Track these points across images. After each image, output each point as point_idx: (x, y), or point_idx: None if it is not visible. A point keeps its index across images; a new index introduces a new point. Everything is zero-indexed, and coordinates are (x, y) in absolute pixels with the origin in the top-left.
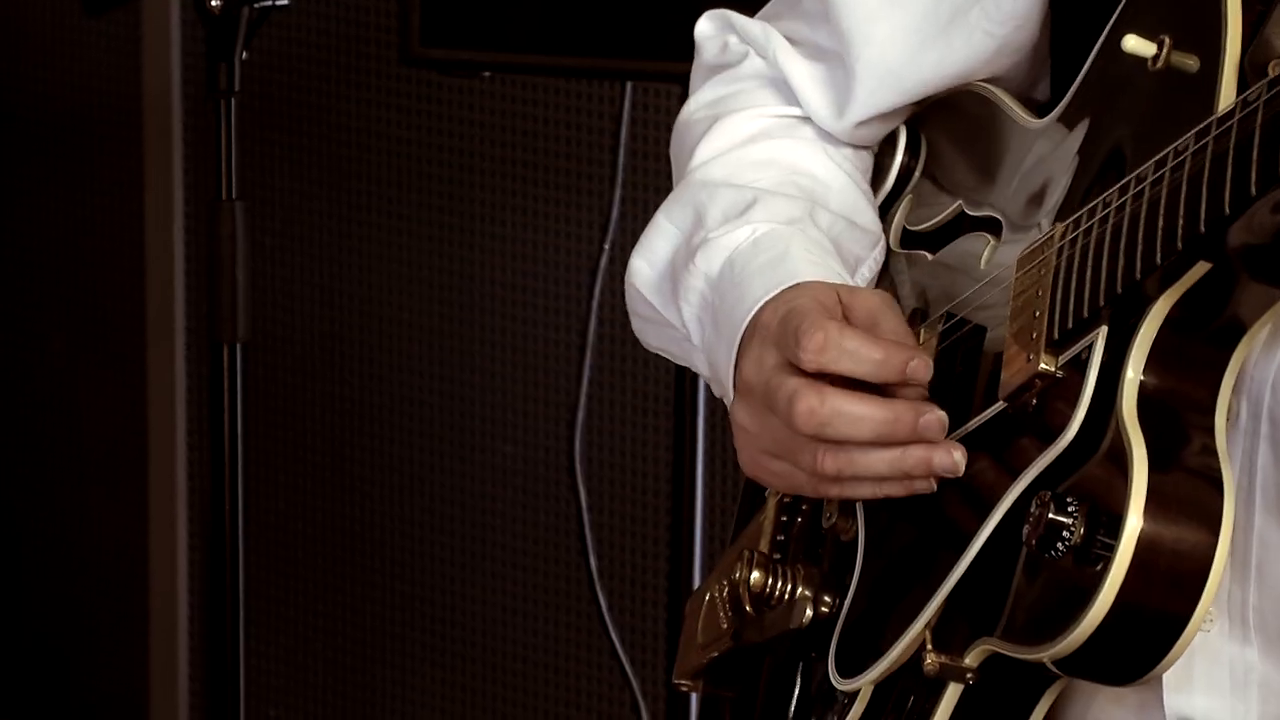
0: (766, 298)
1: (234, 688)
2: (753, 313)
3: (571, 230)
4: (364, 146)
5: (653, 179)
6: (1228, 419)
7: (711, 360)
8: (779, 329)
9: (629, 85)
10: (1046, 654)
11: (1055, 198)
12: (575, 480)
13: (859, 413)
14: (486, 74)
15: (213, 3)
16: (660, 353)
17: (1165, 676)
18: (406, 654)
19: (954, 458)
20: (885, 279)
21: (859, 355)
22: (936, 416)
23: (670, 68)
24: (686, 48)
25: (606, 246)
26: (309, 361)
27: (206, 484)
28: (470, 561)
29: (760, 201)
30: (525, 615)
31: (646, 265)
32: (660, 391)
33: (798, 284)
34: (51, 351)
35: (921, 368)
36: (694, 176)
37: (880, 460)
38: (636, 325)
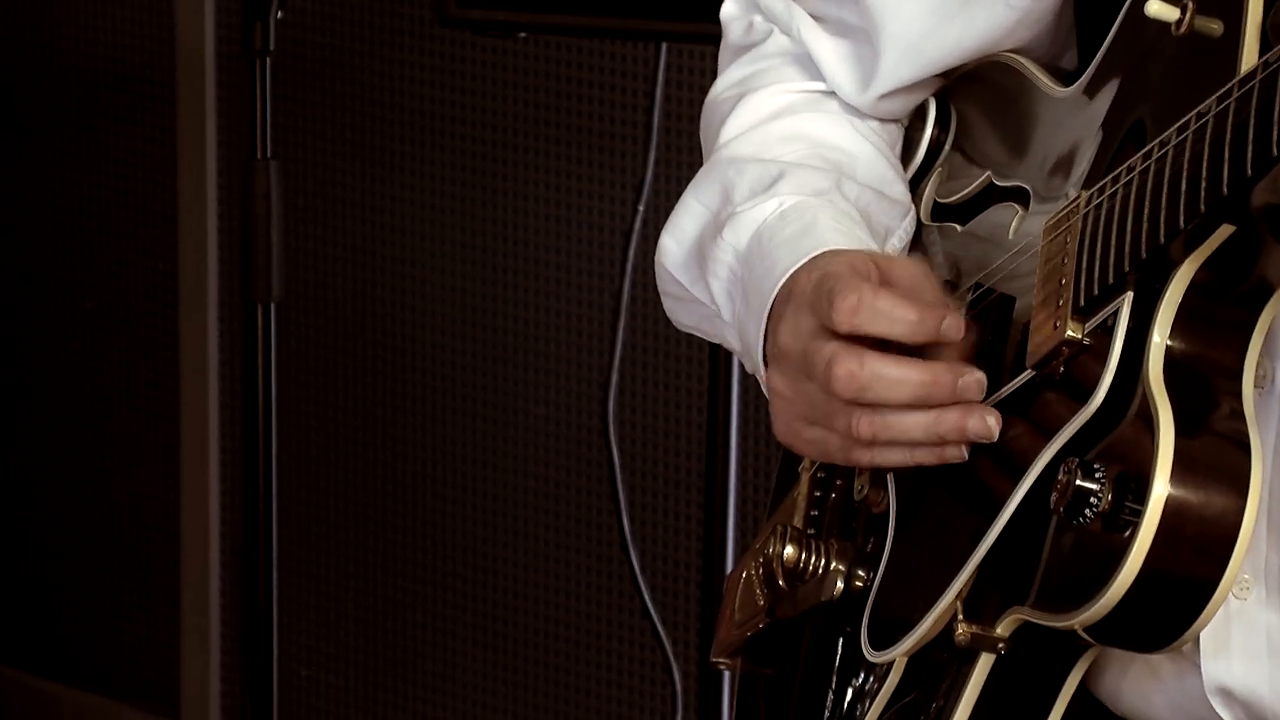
0: (795, 267)
1: (267, 647)
2: (781, 282)
3: (606, 192)
4: (398, 107)
5: (687, 141)
6: (1261, 384)
7: (742, 334)
8: (813, 293)
9: (664, 46)
10: (1076, 620)
11: (1082, 166)
12: (609, 443)
13: (898, 375)
14: (522, 35)
15: None
16: (693, 331)
17: (1203, 645)
18: (439, 615)
19: (988, 422)
20: (917, 251)
21: (893, 316)
22: (976, 378)
23: (705, 29)
24: (718, 7)
25: (640, 208)
26: (341, 322)
27: (239, 444)
28: (503, 524)
29: (787, 175)
30: (558, 578)
31: (675, 244)
32: (695, 354)
33: (830, 250)
34: (84, 312)
35: (955, 326)
36: (721, 154)
37: (916, 424)
38: (668, 305)
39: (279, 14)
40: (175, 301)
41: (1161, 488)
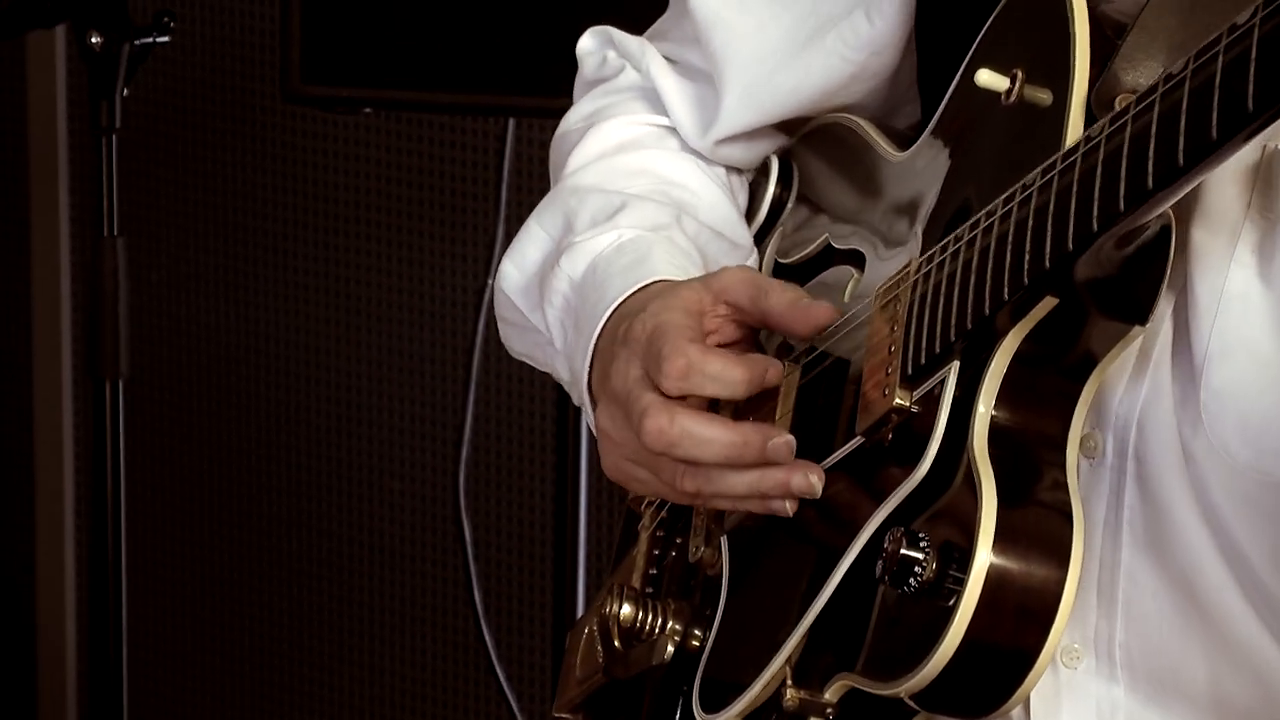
0: (622, 296)
1: (118, 712)
2: (609, 311)
3: (457, 266)
4: (249, 182)
5: None
6: (1091, 455)
7: (571, 363)
8: (646, 345)
9: (511, 121)
10: (902, 689)
11: (915, 233)
12: (460, 515)
13: (707, 435)
14: (368, 110)
15: (93, 40)
16: (525, 359)
17: (1033, 713)
18: (294, 690)
19: (810, 480)
20: None
21: (722, 379)
22: (785, 440)
23: (552, 103)
24: (568, 83)
25: (490, 282)
26: (195, 398)
27: (90, 519)
28: (357, 596)
29: (629, 207)
30: (412, 650)
31: (516, 270)
32: (545, 425)
33: (664, 289)
34: None
35: (776, 375)
36: (566, 183)
37: (740, 481)
38: (504, 331)
39: (125, 91)
40: (30, 379)
41: (984, 557)
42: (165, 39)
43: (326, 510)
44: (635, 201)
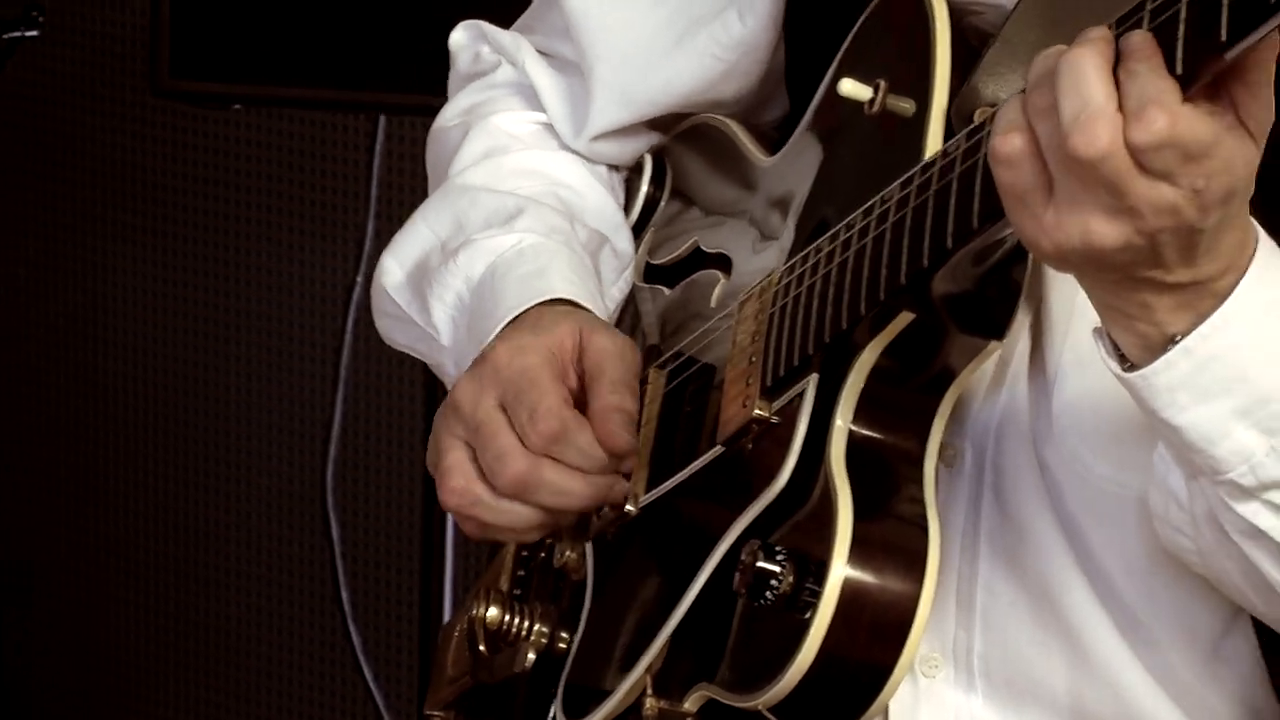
0: (517, 311)
1: None
2: (502, 325)
3: (326, 263)
4: (118, 177)
5: (407, 211)
6: (951, 463)
7: (459, 363)
8: (512, 385)
9: (382, 118)
10: (759, 701)
11: (780, 239)
12: (328, 513)
13: (568, 486)
14: (238, 106)
15: None
16: (407, 350)
17: None
18: (158, 687)
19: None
20: (630, 312)
21: (589, 454)
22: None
23: (423, 101)
24: (439, 81)
25: (360, 280)
26: (63, 392)
27: None
28: (224, 594)
29: (527, 211)
30: (279, 648)
31: (397, 265)
32: (414, 424)
33: (543, 322)
34: None
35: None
36: (454, 182)
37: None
38: (383, 324)
39: None
40: None
41: (839, 571)
42: (34, 33)
43: (194, 506)
44: (532, 206)
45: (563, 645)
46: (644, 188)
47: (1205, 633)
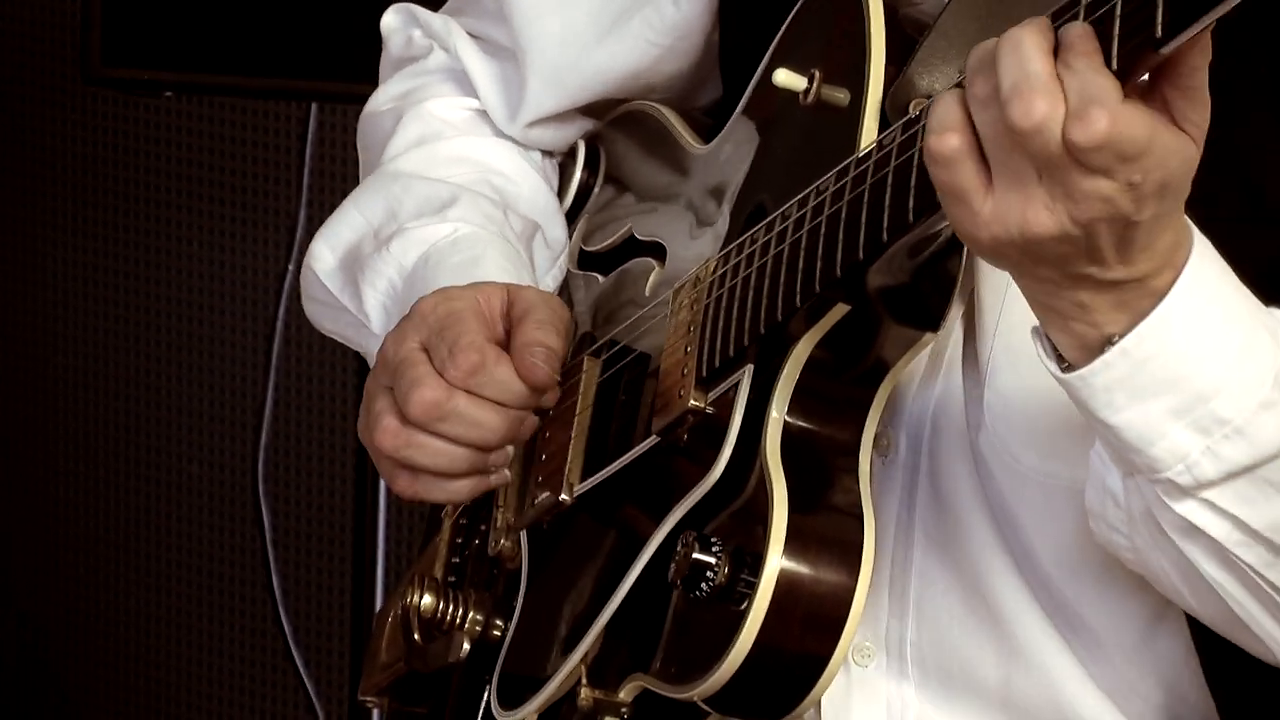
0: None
1: None
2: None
3: (258, 250)
4: (49, 164)
5: (339, 198)
6: (885, 453)
7: None
8: (435, 326)
9: (314, 106)
10: (694, 693)
11: (715, 227)
12: (259, 500)
13: (480, 417)
14: (169, 94)
15: None
16: (335, 336)
17: (824, 712)
18: (88, 674)
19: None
20: (563, 299)
21: (510, 388)
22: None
23: (355, 89)
24: (371, 68)
25: (291, 268)
26: None
27: None
28: (154, 581)
29: (460, 200)
30: (210, 635)
31: (329, 251)
32: (346, 410)
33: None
34: None
35: (553, 398)
36: (386, 168)
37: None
38: (312, 310)
39: None
40: None
41: (775, 563)
42: None
43: (123, 494)
44: (465, 194)
45: (497, 634)
46: (578, 174)
47: (1136, 622)
